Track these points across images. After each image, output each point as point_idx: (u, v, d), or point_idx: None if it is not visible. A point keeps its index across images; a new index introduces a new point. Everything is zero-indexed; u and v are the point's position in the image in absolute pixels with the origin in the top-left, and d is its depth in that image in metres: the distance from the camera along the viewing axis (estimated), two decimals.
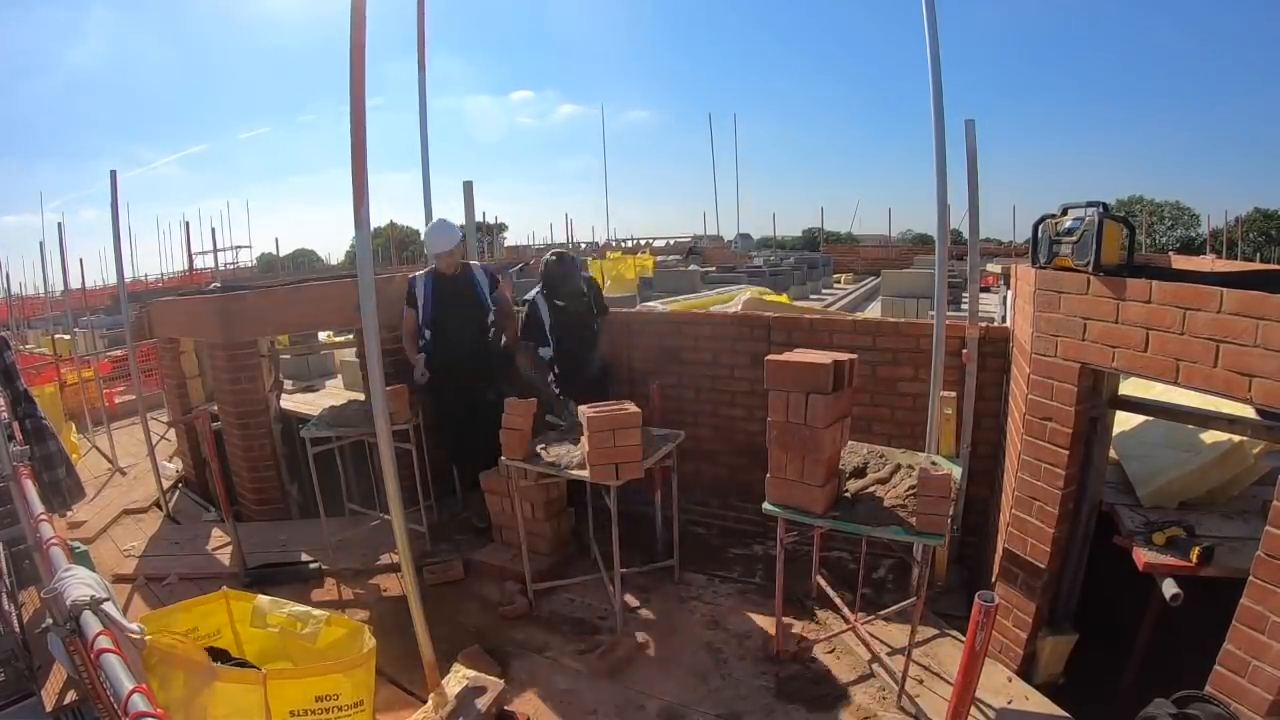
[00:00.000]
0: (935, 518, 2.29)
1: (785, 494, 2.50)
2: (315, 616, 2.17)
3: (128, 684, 1.20)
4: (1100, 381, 2.46)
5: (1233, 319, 1.87)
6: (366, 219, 2.13)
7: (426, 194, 4.33)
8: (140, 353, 6.37)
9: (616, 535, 2.97)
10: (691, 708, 2.62)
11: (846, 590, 3.21)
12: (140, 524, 4.75)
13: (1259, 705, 1.82)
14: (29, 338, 13.31)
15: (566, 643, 3.06)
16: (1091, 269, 2.31)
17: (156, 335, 5.38)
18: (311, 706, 1.89)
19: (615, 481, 2.88)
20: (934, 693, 2.58)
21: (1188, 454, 2.61)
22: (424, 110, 4.18)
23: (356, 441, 4.04)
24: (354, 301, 2.28)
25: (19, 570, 3.10)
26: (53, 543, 1.85)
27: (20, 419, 3.64)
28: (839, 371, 2.43)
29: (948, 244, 3.16)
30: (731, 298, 7.09)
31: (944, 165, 2.90)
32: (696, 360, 4.06)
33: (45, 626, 1.56)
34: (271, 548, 4.03)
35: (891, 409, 3.52)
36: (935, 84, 2.83)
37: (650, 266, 10.99)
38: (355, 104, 2.02)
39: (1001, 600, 2.60)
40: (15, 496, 2.52)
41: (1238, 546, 2.24)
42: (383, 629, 2.48)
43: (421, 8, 4.10)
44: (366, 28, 1.99)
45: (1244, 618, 1.87)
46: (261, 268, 26.27)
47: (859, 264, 17.02)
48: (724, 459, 4.04)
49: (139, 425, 5.46)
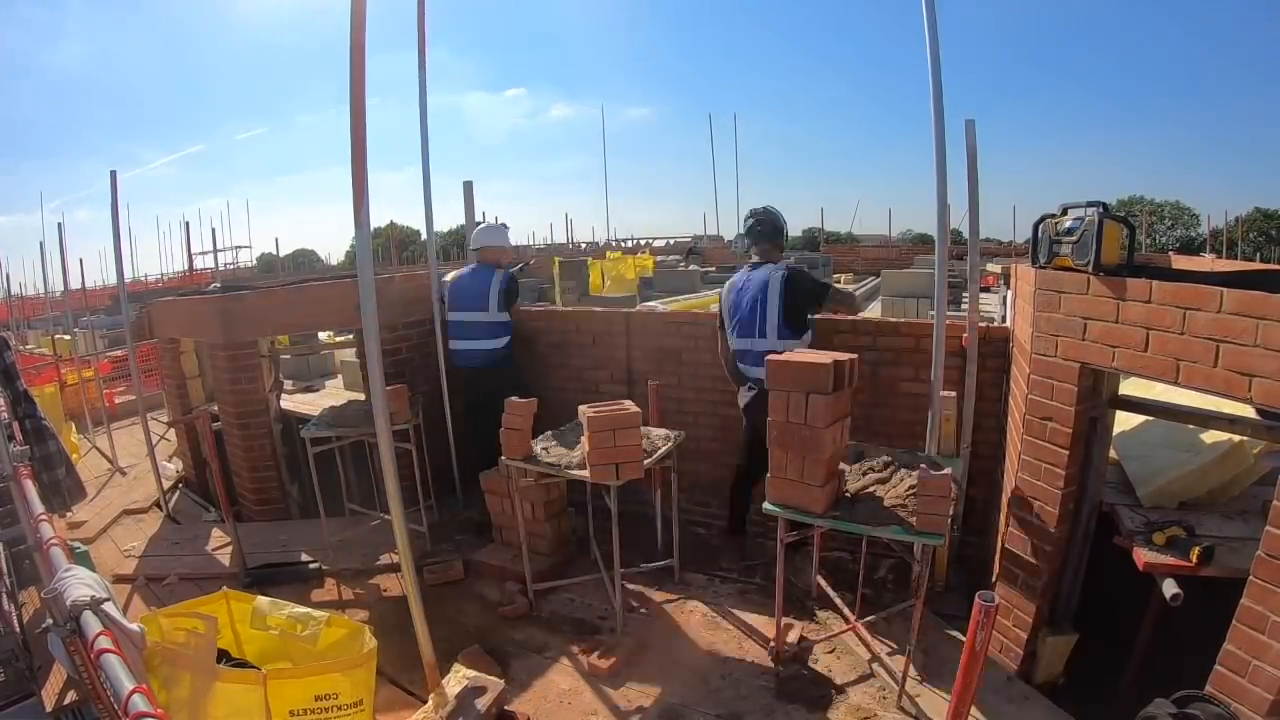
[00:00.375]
0: (935, 518, 2.29)
1: (785, 494, 2.50)
2: (315, 618, 2.18)
3: (128, 684, 1.20)
4: (1100, 381, 2.46)
5: (1233, 319, 1.87)
6: (366, 219, 2.13)
7: (427, 194, 4.32)
8: (140, 353, 6.37)
9: (616, 535, 2.97)
10: (691, 708, 2.62)
11: (846, 590, 3.21)
12: (140, 524, 4.75)
13: (1259, 705, 1.82)
14: (29, 338, 13.31)
15: (566, 643, 3.06)
16: (1091, 269, 2.31)
17: (156, 335, 5.38)
18: (311, 706, 1.89)
19: (615, 481, 2.88)
20: (934, 693, 2.58)
21: (1188, 454, 2.61)
22: (424, 111, 4.17)
23: (356, 441, 4.04)
24: (354, 301, 2.29)
25: (19, 570, 3.10)
26: (53, 543, 1.86)
27: (20, 419, 3.64)
28: (839, 371, 2.43)
29: (948, 244, 3.16)
30: None
31: (944, 165, 2.90)
32: (696, 360, 4.06)
33: (45, 626, 1.56)
34: (271, 548, 4.04)
35: (892, 409, 3.52)
36: (935, 84, 2.83)
37: (650, 266, 10.96)
38: (355, 104, 2.02)
39: (1001, 600, 2.60)
40: (15, 496, 2.52)
41: (1238, 546, 2.23)
42: (383, 629, 2.48)
43: (421, 7, 4.10)
44: (366, 29, 1.99)
45: (1244, 618, 1.87)
46: (261, 268, 26.26)
47: (859, 264, 17.01)
48: (724, 459, 4.03)
49: (139, 425, 5.46)
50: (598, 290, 9.78)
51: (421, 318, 4.54)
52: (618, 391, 4.34)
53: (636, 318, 4.35)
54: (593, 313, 4.66)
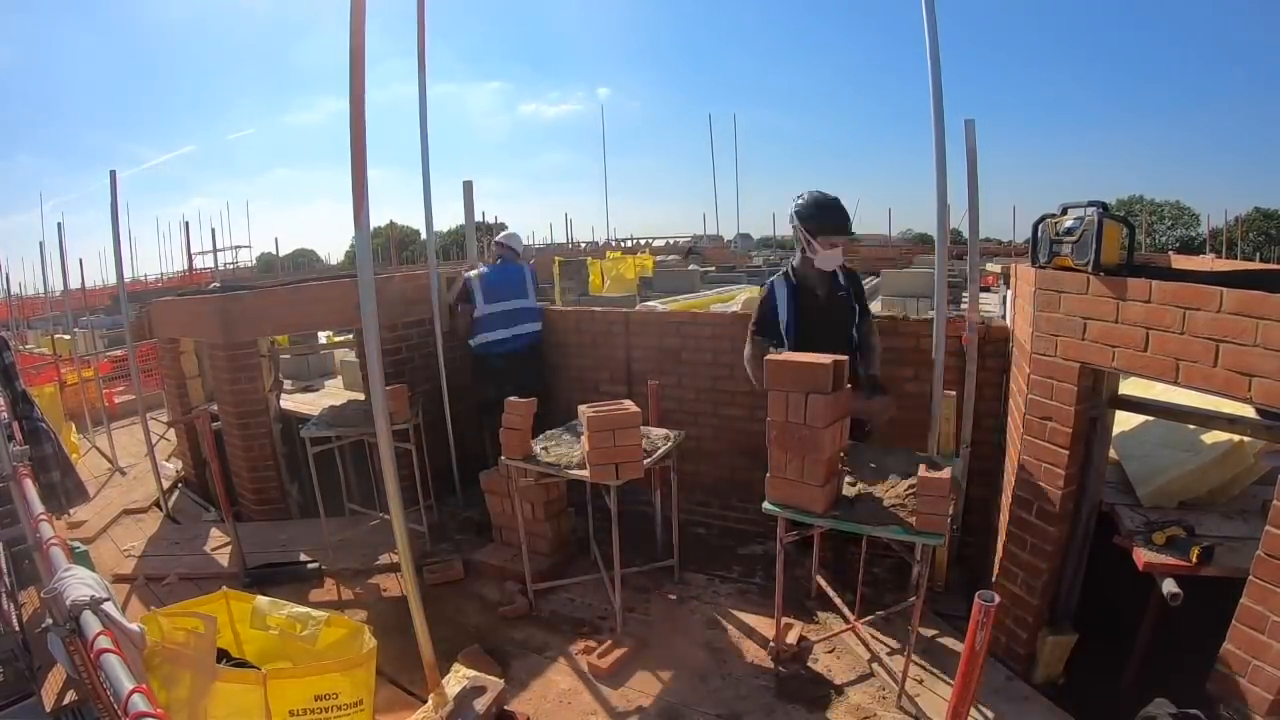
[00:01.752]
0: (935, 517, 2.29)
1: (785, 494, 2.50)
2: (315, 618, 2.17)
3: (128, 684, 1.20)
4: (1100, 381, 2.46)
5: (1233, 318, 1.87)
6: (366, 219, 2.13)
7: (426, 194, 4.32)
8: (140, 353, 6.37)
9: (616, 535, 2.97)
10: (691, 708, 2.62)
11: (846, 590, 3.21)
12: (140, 524, 4.75)
13: (1259, 705, 1.82)
14: (29, 338, 13.30)
15: (566, 643, 3.06)
16: (1091, 269, 2.31)
17: (156, 335, 5.38)
18: (311, 706, 1.89)
19: (615, 481, 2.88)
20: (934, 693, 2.58)
21: (1188, 454, 2.60)
22: (423, 111, 4.17)
23: (356, 441, 4.04)
24: (354, 301, 2.28)
25: (19, 570, 3.09)
26: (53, 543, 1.85)
27: (18, 419, 3.63)
28: (839, 371, 2.43)
29: (948, 244, 3.16)
30: (732, 298, 7.09)
31: (944, 165, 2.90)
32: (696, 360, 4.05)
33: (45, 626, 1.56)
34: (271, 548, 4.04)
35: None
36: (935, 83, 2.83)
37: (650, 266, 10.95)
38: (355, 104, 2.01)
39: (1001, 600, 2.59)
40: (15, 496, 2.52)
41: (1238, 546, 2.23)
42: (383, 629, 2.48)
43: (421, 7, 4.10)
44: (365, 29, 1.98)
45: (1244, 618, 1.87)
46: (261, 268, 26.24)
47: (859, 263, 16.98)
48: (724, 459, 4.04)
49: (139, 425, 5.46)
50: (598, 290, 9.78)
51: (421, 318, 4.54)
52: (618, 391, 4.34)
53: (636, 318, 4.35)
54: (593, 312, 4.66)
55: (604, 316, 4.48)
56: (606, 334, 4.39)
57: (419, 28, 4.13)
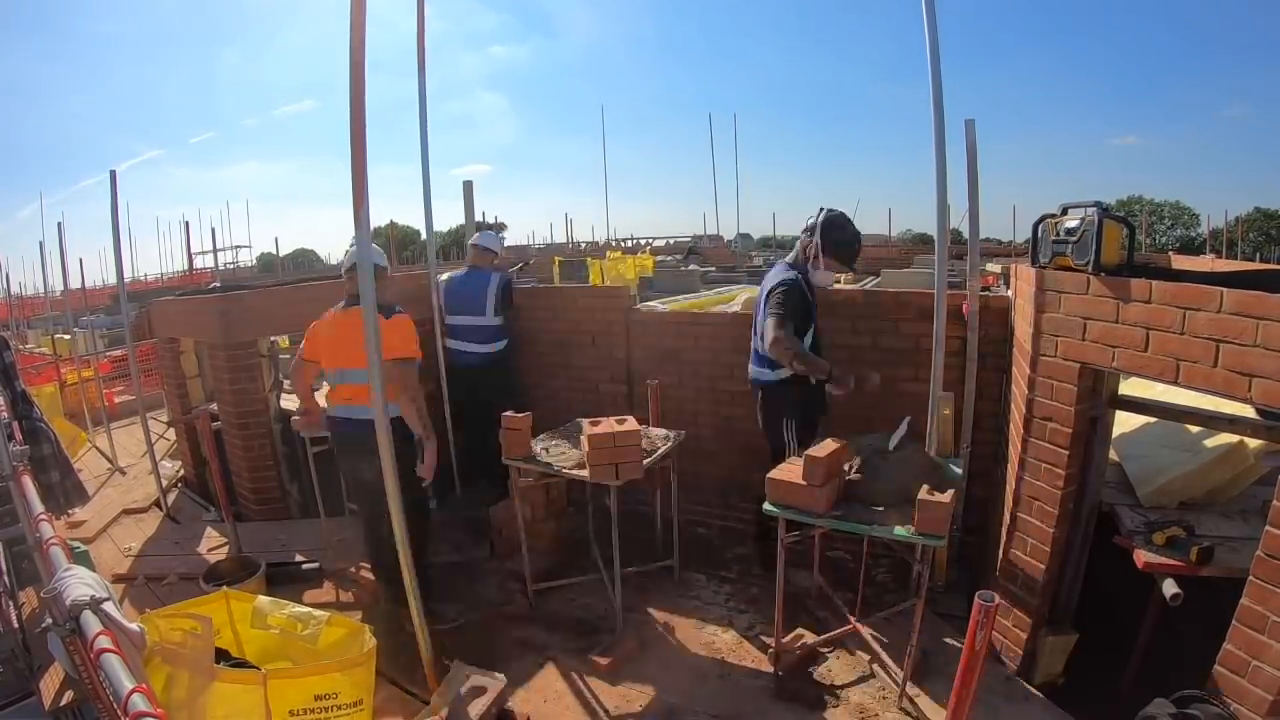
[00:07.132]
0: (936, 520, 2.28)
1: (785, 494, 2.50)
2: (316, 617, 2.18)
3: (128, 684, 1.20)
4: (1100, 381, 2.46)
5: (1233, 319, 1.87)
6: (366, 219, 2.13)
7: (426, 194, 4.32)
8: (140, 353, 6.36)
9: (616, 535, 2.97)
10: (691, 708, 2.62)
11: (847, 590, 3.21)
12: (140, 524, 4.74)
13: (1259, 705, 1.82)
14: (29, 338, 13.30)
15: (566, 643, 3.06)
16: (1091, 269, 2.31)
17: (156, 335, 5.37)
18: (311, 705, 1.89)
19: (615, 482, 2.88)
20: (934, 693, 2.57)
21: (1188, 454, 2.61)
22: (423, 112, 4.18)
23: None
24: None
25: (19, 570, 3.09)
26: (52, 542, 1.85)
27: (18, 419, 3.63)
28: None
29: (948, 243, 3.15)
30: (732, 298, 7.05)
31: (944, 165, 2.89)
32: (696, 360, 4.05)
33: (45, 626, 1.56)
34: (271, 547, 4.03)
35: (892, 409, 3.51)
36: (935, 83, 2.82)
37: (650, 266, 10.94)
38: (355, 104, 2.01)
39: (1001, 600, 2.60)
40: (15, 496, 2.52)
41: (1238, 546, 2.24)
42: (383, 629, 2.48)
43: (421, 7, 4.10)
44: (366, 29, 1.98)
45: (1244, 618, 1.87)
46: (261, 268, 26.23)
47: (859, 263, 16.97)
48: (724, 459, 4.03)
49: (139, 425, 5.46)
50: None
51: (421, 318, 4.52)
52: (618, 391, 4.34)
53: (636, 317, 4.34)
54: (590, 300, 4.55)
55: (604, 316, 4.44)
56: (606, 334, 4.38)
57: (419, 28, 4.13)
